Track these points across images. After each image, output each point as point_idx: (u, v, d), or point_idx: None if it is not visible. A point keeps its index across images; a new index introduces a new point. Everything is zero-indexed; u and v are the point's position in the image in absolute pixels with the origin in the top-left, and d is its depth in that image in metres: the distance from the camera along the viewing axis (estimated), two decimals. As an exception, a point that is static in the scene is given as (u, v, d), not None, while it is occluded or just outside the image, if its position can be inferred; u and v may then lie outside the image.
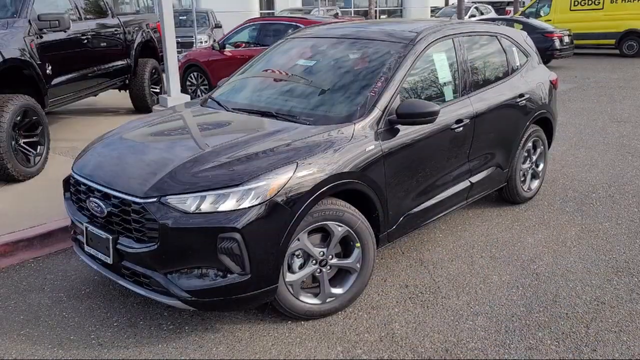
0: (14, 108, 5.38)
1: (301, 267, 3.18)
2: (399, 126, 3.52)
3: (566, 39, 15.02)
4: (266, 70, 4.40)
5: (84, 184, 3.27)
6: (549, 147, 5.32)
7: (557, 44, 14.62)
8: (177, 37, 8.51)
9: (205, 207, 2.82)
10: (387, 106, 3.50)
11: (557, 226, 4.57)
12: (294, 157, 3.03)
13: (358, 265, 3.32)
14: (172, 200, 2.85)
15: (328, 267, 3.24)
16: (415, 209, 3.78)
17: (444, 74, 4.03)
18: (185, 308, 3.00)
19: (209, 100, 4.23)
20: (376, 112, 3.45)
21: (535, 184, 5.15)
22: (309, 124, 3.43)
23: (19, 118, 5.49)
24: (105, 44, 7.69)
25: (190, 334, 3.16)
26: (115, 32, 8.02)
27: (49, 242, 4.28)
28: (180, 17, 16.97)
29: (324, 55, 4.17)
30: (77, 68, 6.90)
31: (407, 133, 3.57)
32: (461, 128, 3.97)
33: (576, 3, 18.10)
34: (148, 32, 9.00)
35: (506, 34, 4.83)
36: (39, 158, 5.78)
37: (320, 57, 4.17)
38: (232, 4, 20.44)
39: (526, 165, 4.95)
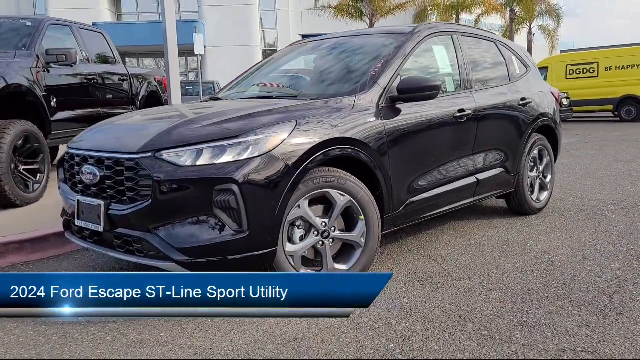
0: (16, 131, 5.37)
1: (302, 239, 3.01)
2: (400, 106, 3.47)
3: (565, 102, 15.26)
4: (259, 84, 4.40)
5: (79, 155, 3.17)
6: (555, 159, 5.22)
7: (556, 106, 14.82)
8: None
9: (202, 161, 2.71)
10: (387, 84, 3.46)
11: (571, 229, 4.38)
12: (294, 117, 2.96)
13: (362, 240, 3.15)
14: (167, 154, 2.75)
15: (331, 240, 3.06)
16: (422, 196, 3.64)
17: (445, 66, 4.04)
18: (181, 271, 2.81)
19: (209, 100, 4.22)
20: (377, 89, 3.42)
21: (544, 195, 5.00)
22: (309, 100, 3.39)
23: (20, 142, 5.47)
24: (111, 88, 7.83)
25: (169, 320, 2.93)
26: (122, 79, 8.19)
27: (41, 247, 4.11)
28: (187, 87, 17.48)
29: (326, 51, 4.21)
30: (81, 106, 6.95)
31: (410, 116, 3.51)
32: (464, 118, 3.91)
33: (572, 72, 18.46)
34: (155, 85, 9.21)
35: (505, 43, 4.89)
36: (38, 185, 5.70)
37: (322, 52, 4.22)
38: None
39: (534, 174, 4.84)
